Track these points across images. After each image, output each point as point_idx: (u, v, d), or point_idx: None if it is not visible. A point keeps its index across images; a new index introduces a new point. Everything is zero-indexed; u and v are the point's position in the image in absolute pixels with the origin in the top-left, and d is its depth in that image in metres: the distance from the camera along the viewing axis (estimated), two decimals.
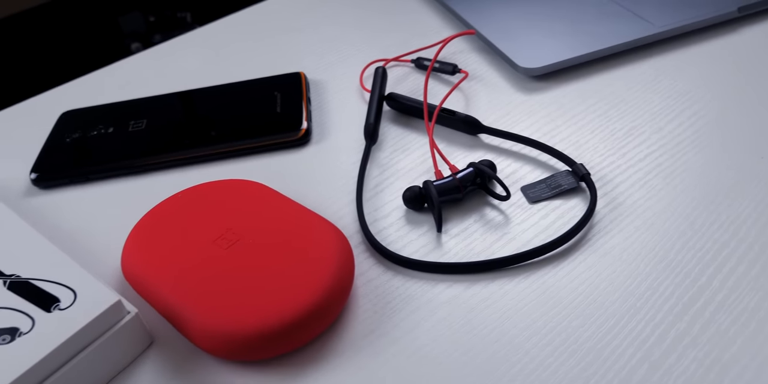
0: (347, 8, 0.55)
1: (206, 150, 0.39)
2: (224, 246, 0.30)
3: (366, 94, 0.44)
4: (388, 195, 0.35)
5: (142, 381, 0.27)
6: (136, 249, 0.31)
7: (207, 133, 0.40)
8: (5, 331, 0.26)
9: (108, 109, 0.44)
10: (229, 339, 0.26)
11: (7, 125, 0.45)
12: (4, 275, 0.29)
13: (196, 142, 0.39)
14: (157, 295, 0.29)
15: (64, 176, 0.39)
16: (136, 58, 0.52)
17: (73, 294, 0.27)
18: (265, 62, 0.49)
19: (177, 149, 0.39)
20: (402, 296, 0.29)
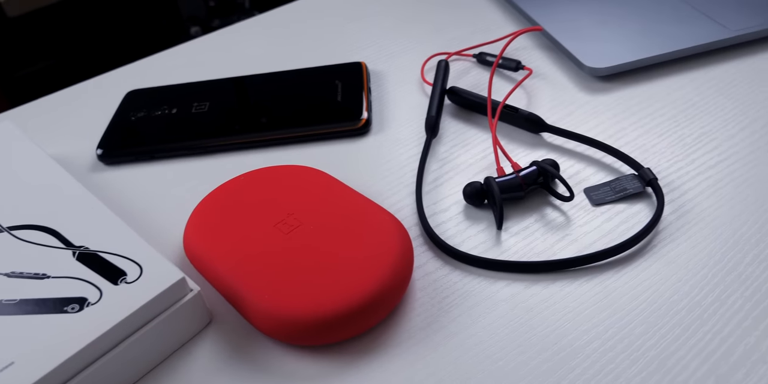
0: (409, 0, 0.54)
1: (266, 135, 0.39)
2: (285, 231, 0.30)
3: (426, 86, 0.43)
4: (447, 189, 0.35)
5: (200, 359, 0.27)
6: (198, 228, 0.32)
7: (268, 118, 0.40)
8: (74, 301, 0.27)
9: (172, 90, 0.45)
10: (288, 323, 0.26)
11: (74, 101, 0.47)
12: (74, 246, 0.29)
13: (257, 127, 0.40)
14: (218, 275, 0.29)
15: (129, 154, 0.39)
16: (198, 42, 0.52)
17: (139, 269, 0.28)
18: (324, 50, 0.49)
19: (238, 133, 0.40)
20: (460, 291, 0.29)
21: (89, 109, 0.46)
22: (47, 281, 0.28)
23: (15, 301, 0.27)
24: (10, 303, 0.27)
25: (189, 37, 1.18)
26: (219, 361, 0.27)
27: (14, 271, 0.29)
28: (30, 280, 0.28)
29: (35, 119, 0.45)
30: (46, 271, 0.28)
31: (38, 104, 0.47)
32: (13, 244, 0.30)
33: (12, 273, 0.28)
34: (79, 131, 0.43)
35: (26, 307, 0.27)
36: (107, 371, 0.26)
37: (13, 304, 0.27)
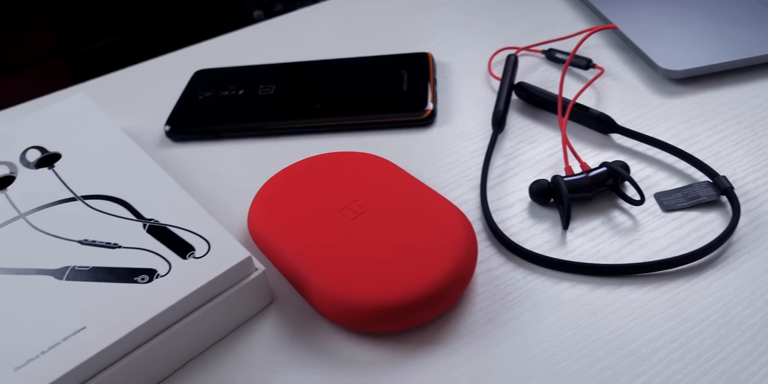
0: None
1: (331, 121, 0.40)
2: (350, 216, 0.30)
3: (492, 80, 0.43)
4: (511, 185, 0.34)
5: (261, 337, 0.28)
6: (262, 209, 0.32)
7: (332, 104, 0.41)
8: (144, 271, 0.27)
9: (239, 72, 0.45)
10: (352, 309, 0.26)
11: (143, 78, 0.48)
12: (144, 219, 0.30)
13: (322, 112, 0.40)
14: (283, 256, 0.29)
15: (195, 132, 0.40)
16: (263, 25, 0.53)
17: (207, 245, 0.28)
18: (388, 40, 0.48)
19: (303, 117, 0.40)
20: (523, 289, 0.29)
21: (158, 86, 0.47)
22: (118, 251, 0.28)
23: (87, 268, 0.28)
24: (83, 269, 0.28)
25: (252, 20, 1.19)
26: (279, 341, 0.27)
27: (87, 239, 0.29)
28: (102, 249, 0.29)
29: (105, 94, 0.46)
30: (117, 241, 0.29)
31: (108, 79, 0.48)
32: (86, 213, 0.31)
33: (85, 241, 0.29)
34: (147, 107, 0.44)
35: (98, 275, 0.27)
36: (172, 343, 0.26)
37: (85, 271, 0.28)
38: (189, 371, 0.27)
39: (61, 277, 0.27)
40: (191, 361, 0.27)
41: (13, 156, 0.35)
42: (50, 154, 0.35)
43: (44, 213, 0.31)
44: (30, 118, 0.39)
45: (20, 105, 0.47)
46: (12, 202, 0.32)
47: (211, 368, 0.27)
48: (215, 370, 0.27)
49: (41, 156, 0.35)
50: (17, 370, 0.24)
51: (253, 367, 0.26)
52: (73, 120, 0.38)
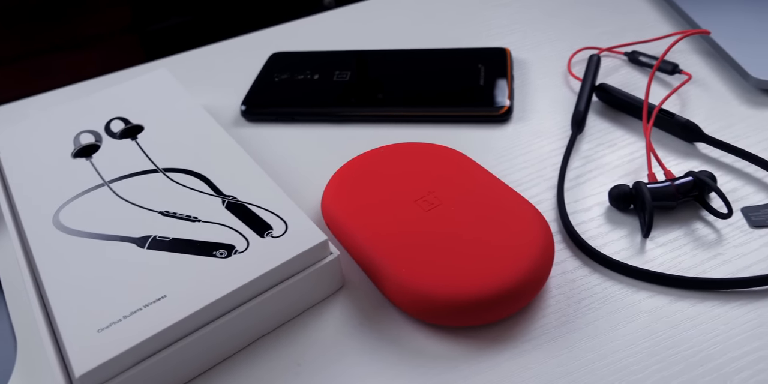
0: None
1: (405, 110, 0.39)
2: (426, 208, 0.30)
3: (572, 80, 0.42)
4: (589, 188, 0.33)
5: (330, 320, 0.28)
6: (336, 194, 0.32)
7: (408, 94, 0.40)
8: (223, 246, 0.28)
9: (314, 56, 0.45)
10: (426, 301, 0.26)
11: (220, 57, 0.48)
12: (223, 195, 0.30)
13: (396, 101, 0.40)
14: (356, 242, 0.29)
15: (270, 113, 0.40)
16: (338, 12, 0.53)
17: (285, 225, 0.28)
18: (465, 33, 0.48)
19: (377, 105, 0.40)
20: (599, 295, 0.28)
21: (232, 66, 0.47)
22: (198, 224, 0.29)
23: (168, 239, 0.28)
24: (164, 240, 0.28)
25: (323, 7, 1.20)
26: (349, 326, 0.27)
27: (168, 210, 0.30)
28: (182, 221, 0.29)
29: (181, 71, 0.47)
30: (196, 215, 0.30)
31: (185, 57, 0.49)
32: (167, 186, 0.32)
33: (166, 212, 0.30)
34: (222, 86, 0.45)
35: (178, 246, 0.28)
36: (246, 318, 0.26)
37: (166, 241, 0.28)
38: (261, 346, 0.27)
39: (142, 246, 0.28)
40: (263, 337, 0.27)
41: (98, 125, 0.36)
42: (133, 126, 0.36)
43: (127, 182, 0.32)
44: (114, 90, 0.40)
45: (98, 78, 0.49)
46: (97, 170, 0.33)
47: (281, 346, 0.27)
48: (285, 348, 0.27)
49: (125, 127, 0.36)
50: (100, 332, 0.24)
51: (322, 349, 0.27)
52: (156, 94, 0.39)
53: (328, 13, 0.53)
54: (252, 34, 0.51)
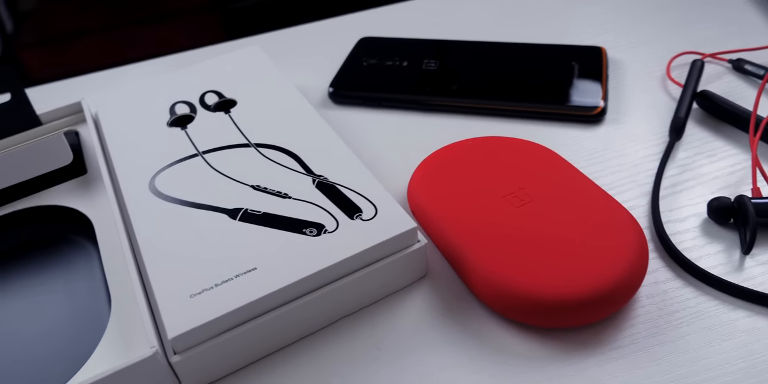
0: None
1: (494, 104, 0.39)
2: (516, 204, 0.29)
3: (670, 84, 0.40)
4: (685, 198, 0.32)
5: (412, 308, 0.28)
6: (424, 182, 0.32)
7: (498, 88, 0.40)
8: (313, 225, 0.28)
9: (403, 43, 0.45)
10: (513, 298, 0.25)
11: (308, 39, 0.49)
12: (314, 174, 0.31)
13: (486, 94, 0.39)
14: (442, 233, 0.29)
15: (358, 97, 0.41)
16: (427, 0, 0.52)
17: (374, 209, 0.28)
18: (557, 29, 0.46)
19: (466, 96, 0.39)
20: (692, 309, 0.27)
21: (320, 48, 0.47)
22: (288, 201, 0.29)
23: (259, 213, 0.29)
24: (255, 213, 0.29)
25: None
26: (430, 316, 0.27)
27: (259, 185, 0.30)
28: (273, 197, 0.30)
29: (269, 50, 0.48)
30: (287, 192, 0.30)
31: (272, 36, 0.50)
32: (259, 161, 0.32)
33: (257, 186, 0.30)
34: (309, 67, 0.45)
35: (268, 221, 0.28)
36: (331, 298, 0.27)
37: (257, 215, 0.29)
38: (342, 327, 0.27)
39: (234, 217, 0.29)
40: (344, 318, 0.28)
41: (192, 97, 0.37)
42: (227, 100, 0.37)
43: (219, 154, 0.33)
44: (208, 64, 0.40)
45: (190, 51, 0.50)
46: (191, 140, 0.34)
47: (362, 328, 0.27)
48: (366, 331, 0.27)
49: (219, 100, 0.37)
50: (192, 297, 0.25)
51: (402, 335, 0.27)
52: (248, 70, 0.39)
53: (416, 1, 0.53)
54: (340, 18, 0.51)
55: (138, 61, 0.51)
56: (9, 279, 0.30)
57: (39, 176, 0.34)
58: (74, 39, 1.12)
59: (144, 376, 0.24)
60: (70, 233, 0.32)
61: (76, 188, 0.33)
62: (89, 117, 0.37)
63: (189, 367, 0.25)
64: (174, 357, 0.24)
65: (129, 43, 1.15)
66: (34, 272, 0.31)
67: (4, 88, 0.36)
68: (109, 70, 0.49)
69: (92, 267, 0.30)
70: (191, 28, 1.14)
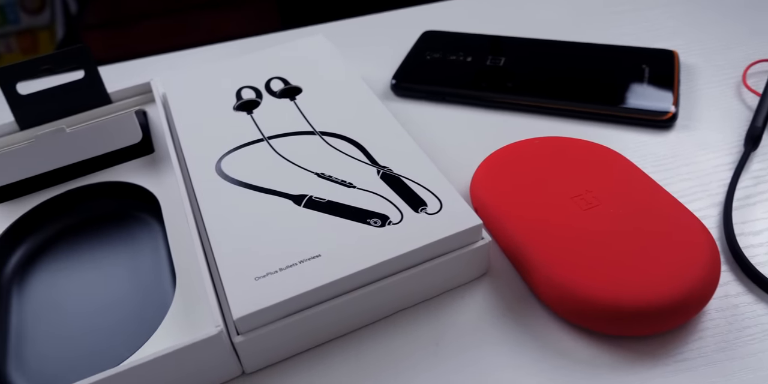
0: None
1: (560, 104, 0.38)
2: (583, 206, 0.29)
3: (745, 92, 0.39)
4: (759, 211, 0.31)
5: (472, 305, 0.28)
6: (488, 180, 0.31)
7: (565, 87, 0.39)
8: (378, 216, 0.28)
9: (467, 38, 0.45)
10: (580, 304, 0.25)
11: (370, 30, 0.49)
12: (378, 165, 0.31)
13: (552, 93, 0.38)
14: (506, 232, 0.29)
15: (421, 90, 0.40)
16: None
17: (439, 203, 0.28)
18: (626, 30, 0.45)
19: (531, 95, 0.39)
20: (765, 326, 0.26)
21: (382, 40, 0.47)
22: (353, 191, 0.29)
23: (324, 201, 0.29)
24: (320, 200, 0.29)
25: None
26: (491, 315, 0.27)
27: (324, 172, 0.30)
28: (337, 186, 0.30)
29: (330, 40, 0.48)
30: (352, 181, 0.30)
31: (335, 26, 0.50)
32: (324, 149, 0.32)
33: (322, 174, 0.30)
34: (371, 59, 0.45)
35: (333, 209, 0.28)
36: (391, 290, 0.27)
37: (322, 203, 0.29)
38: (401, 320, 0.27)
39: (298, 203, 0.29)
40: (403, 311, 0.28)
41: (258, 82, 0.38)
42: (293, 87, 0.37)
43: (284, 140, 0.33)
44: (274, 51, 0.41)
45: (254, 37, 0.50)
46: (257, 125, 0.34)
47: (420, 322, 0.27)
48: (424, 325, 0.27)
49: (284, 87, 0.37)
50: (257, 280, 0.25)
51: (462, 333, 0.26)
52: (314, 59, 0.39)
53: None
54: (404, 10, 0.51)
55: (194, 45, 0.51)
56: (77, 251, 0.31)
57: (108, 153, 0.35)
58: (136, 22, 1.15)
59: (207, 355, 0.24)
60: (136, 210, 0.33)
61: (143, 166, 0.34)
62: (158, 97, 0.37)
63: (251, 349, 0.25)
64: (237, 337, 0.24)
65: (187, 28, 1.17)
66: (100, 246, 0.31)
67: (79, 65, 0.37)
68: (172, 53, 0.50)
69: (157, 244, 0.31)
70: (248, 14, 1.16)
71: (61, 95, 0.37)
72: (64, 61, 0.36)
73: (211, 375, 0.25)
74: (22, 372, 0.26)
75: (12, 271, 0.31)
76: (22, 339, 0.27)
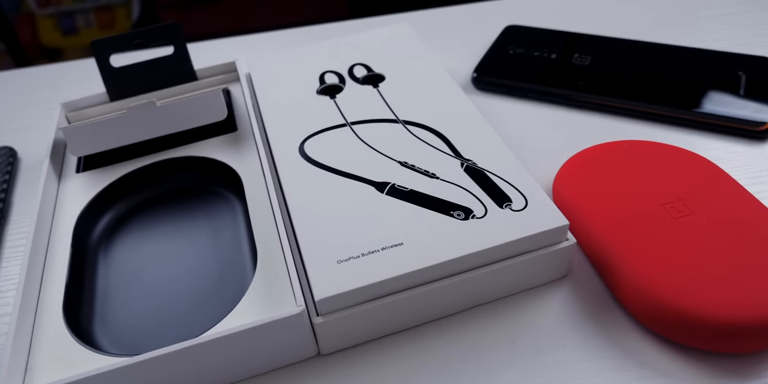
0: None
1: (649, 107, 0.37)
2: (674, 215, 0.28)
3: None
4: None
5: (551, 307, 0.27)
6: (572, 180, 0.31)
7: (654, 91, 0.37)
8: (461, 208, 0.27)
9: (552, 35, 0.44)
10: (668, 314, 0.24)
11: (454, 22, 0.48)
12: (462, 158, 0.30)
13: (641, 96, 0.37)
14: (591, 235, 0.28)
15: (503, 85, 0.40)
16: None
17: (524, 201, 0.28)
18: (726, 36, 0.43)
19: (618, 96, 0.37)
20: None
21: (463, 32, 0.47)
22: (436, 181, 0.29)
23: (407, 189, 0.29)
24: (402, 189, 0.29)
25: None
26: (570, 317, 0.26)
27: (407, 162, 0.30)
28: (420, 175, 0.29)
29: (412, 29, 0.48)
30: (435, 172, 0.30)
31: (416, 15, 0.50)
32: (407, 138, 0.32)
33: (405, 163, 0.30)
34: (451, 51, 0.45)
35: (415, 198, 0.28)
36: (470, 284, 0.26)
37: (404, 191, 0.29)
38: (477, 314, 0.27)
39: (381, 191, 0.29)
40: (480, 306, 0.27)
41: (341, 68, 0.38)
42: (376, 74, 0.37)
43: (367, 127, 0.33)
44: (356, 37, 0.41)
45: (332, 23, 0.50)
46: (340, 110, 0.34)
47: (497, 319, 0.27)
48: (502, 322, 0.26)
49: (368, 74, 0.37)
50: (339, 263, 0.25)
51: (540, 334, 0.26)
52: (397, 47, 0.39)
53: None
54: (486, 3, 0.50)
55: (262, 29, 0.52)
56: (159, 221, 0.32)
57: (194, 128, 0.35)
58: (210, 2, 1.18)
59: (286, 333, 0.24)
60: (217, 186, 0.34)
61: (226, 144, 0.35)
62: (243, 77, 0.38)
63: (329, 331, 0.25)
64: (317, 318, 0.25)
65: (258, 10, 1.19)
66: (182, 218, 0.32)
67: (170, 41, 0.37)
68: (245, 36, 0.50)
69: (236, 220, 0.31)
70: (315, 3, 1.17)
71: (150, 70, 0.38)
72: (156, 36, 0.37)
73: (289, 354, 0.25)
74: (106, 335, 0.27)
75: (99, 236, 0.32)
76: (106, 303, 0.28)
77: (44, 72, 0.49)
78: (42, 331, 0.26)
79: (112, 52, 0.37)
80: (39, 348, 0.26)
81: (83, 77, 0.48)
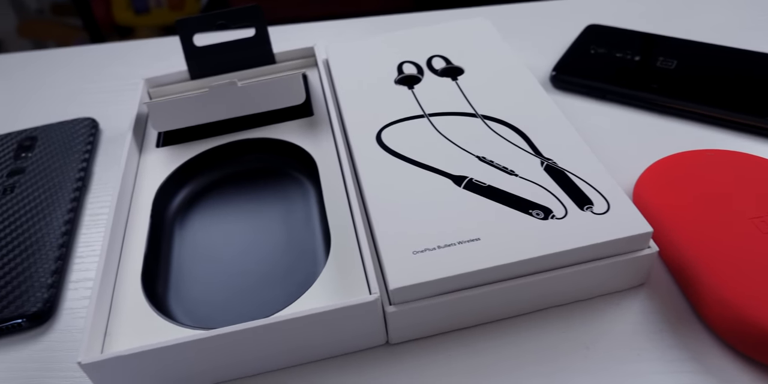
0: None
1: (736, 116, 0.35)
2: (764, 229, 0.26)
3: None
4: None
5: (627, 316, 0.26)
6: (654, 187, 0.30)
7: (742, 99, 0.36)
8: (541, 208, 0.27)
9: (635, 36, 0.42)
10: (752, 331, 0.23)
11: (533, 18, 0.47)
12: (542, 156, 0.30)
13: (730, 105, 0.36)
14: (672, 244, 0.27)
15: (583, 85, 0.39)
16: None
17: (606, 204, 0.27)
18: None
19: (705, 104, 0.36)
20: None
21: (542, 29, 0.46)
22: (514, 179, 0.29)
23: (484, 185, 0.28)
24: (480, 184, 0.28)
25: None
26: (648, 329, 0.26)
27: (485, 157, 0.30)
28: (498, 172, 0.29)
29: None
30: (513, 169, 0.29)
31: (495, 10, 0.49)
32: (485, 133, 0.31)
33: (483, 158, 0.30)
34: (530, 48, 0.44)
35: (493, 195, 0.28)
36: (546, 285, 0.26)
37: (482, 187, 0.28)
38: (551, 316, 0.26)
39: (458, 184, 0.28)
40: (553, 308, 0.27)
41: (420, 59, 0.37)
42: (454, 67, 0.36)
43: (445, 119, 0.33)
44: (435, 29, 0.40)
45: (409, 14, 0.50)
46: (418, 101, 0.34)
47: (571, 323, 0.26)
48: (576, 327, 0.26)
49: (446, 66, 0.36)
50: (415, 254, 0.25)
51: (616, 342, 0.25)
52: (476, 41, 0.38)
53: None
54: (563, 1, 0.49)
55: (326, 18, 0.52)
56: (234, 200, 0.33)
57: (272, 110, 0.36)
58: None
59: (358, 320, 0.24)
60: (291, 168, 0.34)
61: (302, 128, 0.35)
62: (321, 62, 0.38)
63: (400, 320, 0.25)
64: (389, 307, 0.25)
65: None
66: (256, 198, 0.33)
67: (251, 23, 0.38)
68: (324, 22, 0.50)
69: (310, 204, 0.32)
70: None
71: (231, 51, 0.38)
72: (238, 18, 0.38)
73: (358, 340, 0.25)
74: (181, 307, 0.28)
75: (175, 210, 0.32)
76: (180, 276, 0.29)
77: (118, 48, 0.51)
78: (121, 298, 0.27)
79: (195, 32, 0.38)
80: (118, 314, 0.27)
81: (155, 55, 0.49)
